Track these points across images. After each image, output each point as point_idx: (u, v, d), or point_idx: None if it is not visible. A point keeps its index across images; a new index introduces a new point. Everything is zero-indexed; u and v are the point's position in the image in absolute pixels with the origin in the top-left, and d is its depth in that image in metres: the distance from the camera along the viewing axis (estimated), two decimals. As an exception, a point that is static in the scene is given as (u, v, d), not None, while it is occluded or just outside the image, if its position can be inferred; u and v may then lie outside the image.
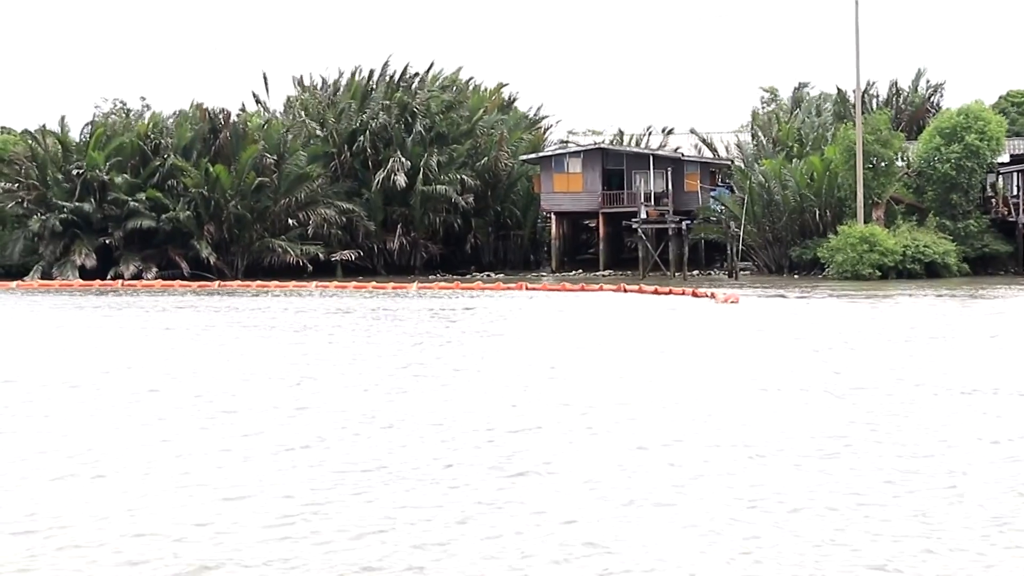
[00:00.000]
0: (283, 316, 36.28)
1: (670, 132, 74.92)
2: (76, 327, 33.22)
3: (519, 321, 34.65)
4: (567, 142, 74.08)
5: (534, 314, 37.46)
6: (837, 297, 42.63)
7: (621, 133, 75.85)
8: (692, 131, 72.79)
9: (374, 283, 54.32)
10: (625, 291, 49.15)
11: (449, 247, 66.38)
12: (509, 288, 51.80)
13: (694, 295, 45.51)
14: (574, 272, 63.40)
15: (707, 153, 70.86)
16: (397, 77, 67.40)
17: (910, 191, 57.77)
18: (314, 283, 54.95)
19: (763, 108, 79.00)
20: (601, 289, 50.10)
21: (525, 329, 31.88)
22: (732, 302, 40.42)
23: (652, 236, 60.55)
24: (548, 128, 76.03)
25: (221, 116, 63.48)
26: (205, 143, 63.27)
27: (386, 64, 67.82)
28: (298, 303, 42.98)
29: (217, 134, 63.14)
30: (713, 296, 43.34)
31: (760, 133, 67.19)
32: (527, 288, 51.76)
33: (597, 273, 62.36)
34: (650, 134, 75.42)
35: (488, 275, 62.48)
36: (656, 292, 48.23)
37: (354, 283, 54.81)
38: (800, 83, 79.02)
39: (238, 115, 64.80)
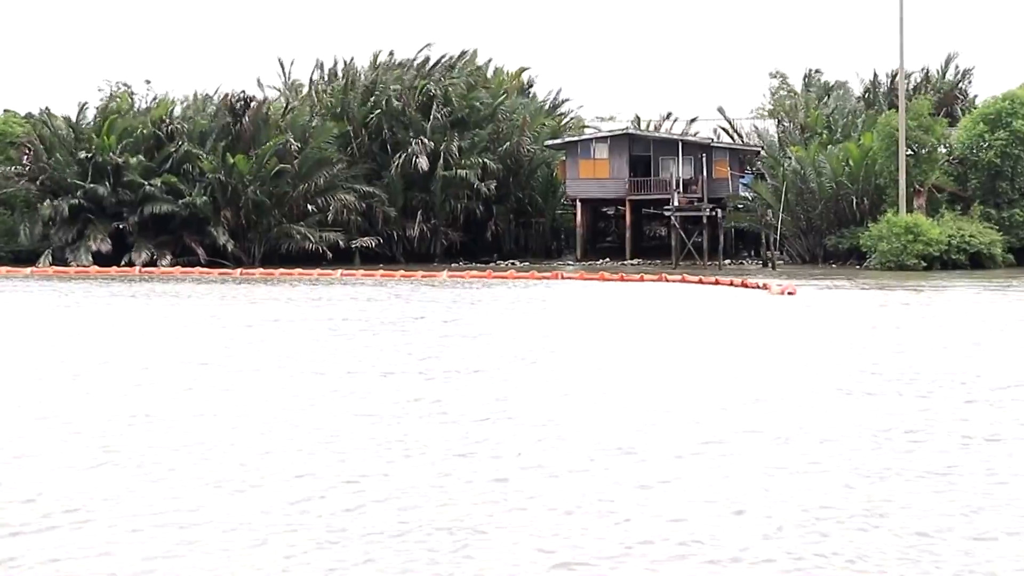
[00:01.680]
0: (365, 308, 34.66)
1: (694, 120, 73.52)
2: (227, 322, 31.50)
3: (605, 313, 33.28)
4: (584, 127, 72.74)
5: (608, 305, 36.06)
6: (905, 290, 41.27)
7: (638, 119, 74.45)
8: (720, 110, 71.25)
9: (402, 272, 52.65)
10: (667, 281, 47.83)
11: (469, 234, 65.03)
12: (545, 277, 50.35)
13: (744, 286, 44.24)
14: (600, 261, 62.14)
15: (726, 139, 69.47)
16: (429, 66, 66.16)
17: (952, 179, 56.63)
18: (339, 271, 53.29)
19: (775, 94, 77.65)
20: (642, 279, 48.65)
21: (618, 322, 30.49)
22: (789, 293, 39.09)
23: (680, 224, 59.25)
24: (569, 114, 74.55)
25: (243, 102, 61.74)
26: (224, 129, 61.61)
27: (417, 54, 67.11)
28: (359, 292, 41.43)
29: (239, 119, 61.44)
30: (766, 287, 42.00)
31: (786, 119, 65.84)
32: (563, 277, 50.33)
33: (624, 262, 61.11)
34: (674, 120, 74.27)
35: (514, 263, 61.10)
36: (701, 282, 46.96)
37: (380, 271, 53.14)
38: (811, 69, 77.64)
39: (261, 101, 63.05)
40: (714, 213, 57.88)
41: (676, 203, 58.36)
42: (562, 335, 26.67)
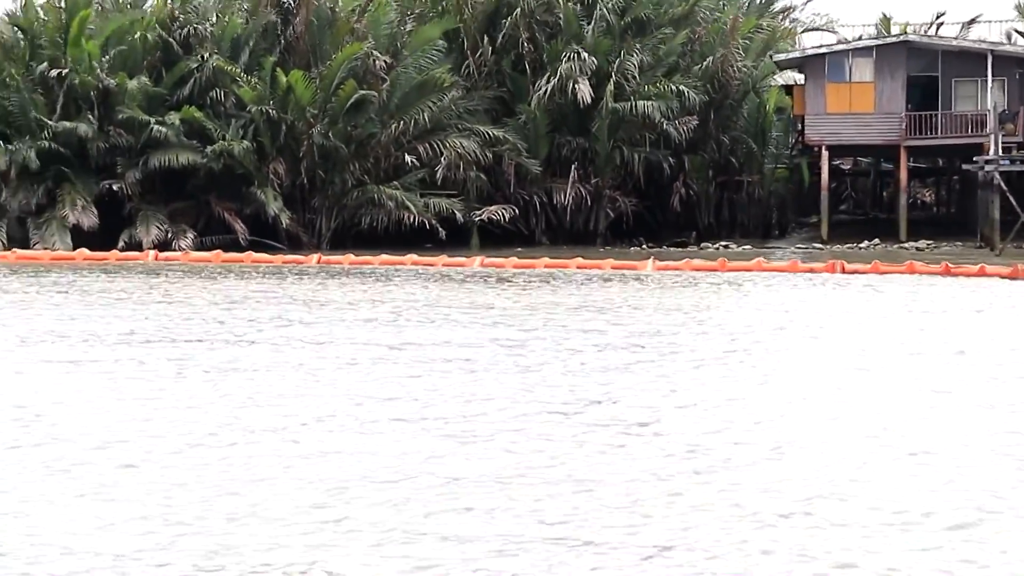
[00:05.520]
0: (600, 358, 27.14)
1: (973, 21, 66.98)
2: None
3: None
4: (802, 30, 67.37)
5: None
6: None
7: (887, 21, 67.92)
8: (1020, 7, 64.89)
9: (579, 260, 45.35)
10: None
11: (646, 201, 58.69)
12: (815, 269, 43.23)
13: None
14: (864, 243, 55.37)
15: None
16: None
17: None
18: (476, 259, 46.10)
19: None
20: (1018, 273, 40.19)
21: None
22: None
23: (993, 184, 52.08)
24: (791, 12, 69.13)
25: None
26: (268, 35, 56.54)
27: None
28: (529, 301, 34.38)
29: (289, 21, 56.32)
30: None
31: None
32: (845, 270, 42.70)
33: (901, 245, 54.59)
34: (939, 24, 67.56)
35: (727, 245, 55.24)
36: None
37: (544, 260, 45.97)
38: None
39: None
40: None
41: (997, 151, 51.64)
42: None
